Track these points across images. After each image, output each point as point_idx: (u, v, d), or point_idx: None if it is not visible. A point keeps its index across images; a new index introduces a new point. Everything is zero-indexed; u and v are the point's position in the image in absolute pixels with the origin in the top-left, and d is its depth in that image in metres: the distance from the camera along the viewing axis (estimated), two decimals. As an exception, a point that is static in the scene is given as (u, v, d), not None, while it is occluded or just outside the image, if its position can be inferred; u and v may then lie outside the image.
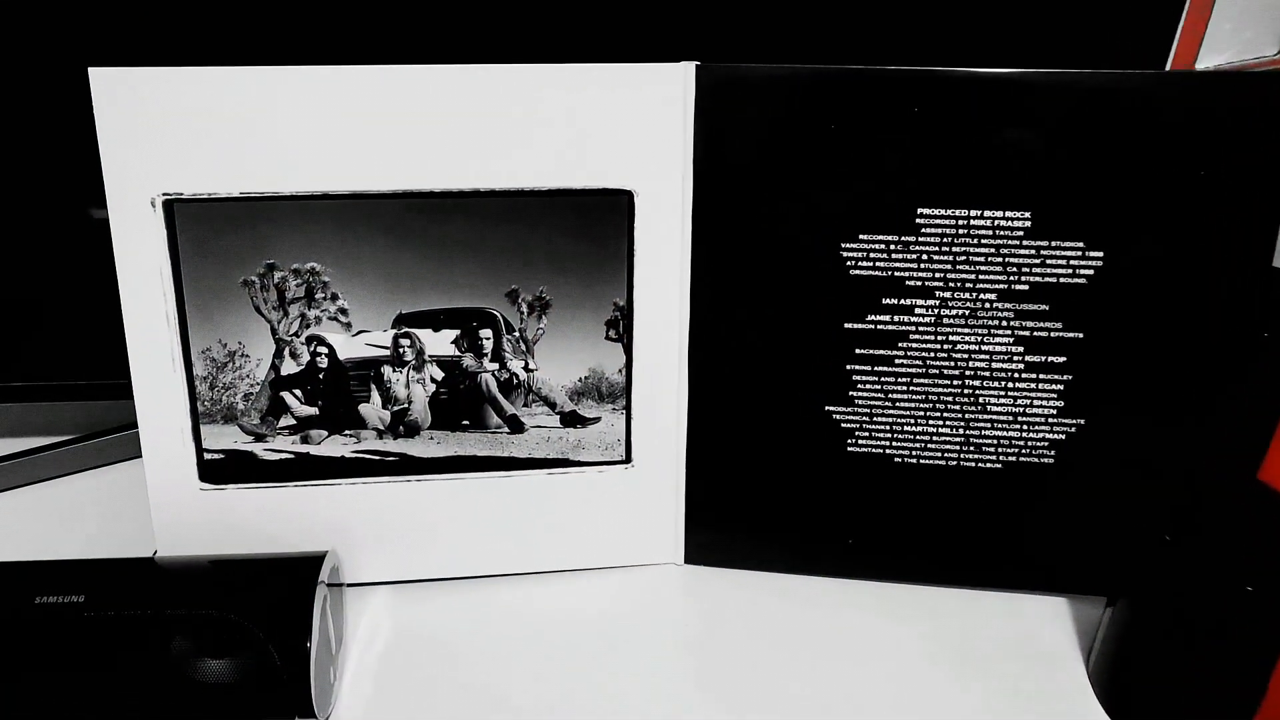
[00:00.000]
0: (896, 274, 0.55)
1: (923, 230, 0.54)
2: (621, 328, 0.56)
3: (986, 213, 0.55)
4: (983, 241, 0.54)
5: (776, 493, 0.59)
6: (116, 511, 0.66)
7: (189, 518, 0.55)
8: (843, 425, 0.58)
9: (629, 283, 0.55)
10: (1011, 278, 0.56)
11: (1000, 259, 0.55)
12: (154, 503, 0.55)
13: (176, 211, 0.50)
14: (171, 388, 0.53)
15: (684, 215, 0.54)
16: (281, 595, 0.48)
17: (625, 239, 0.54)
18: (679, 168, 0.53)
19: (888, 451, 0.58)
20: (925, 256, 0.54)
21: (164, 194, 0.50)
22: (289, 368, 0.54)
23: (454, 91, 0.49)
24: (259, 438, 0.55)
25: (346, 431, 0.56)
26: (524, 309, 0.55)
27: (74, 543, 0.63)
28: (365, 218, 0.51)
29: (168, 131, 0.48)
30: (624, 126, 0.51)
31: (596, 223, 0.53)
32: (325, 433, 0.56)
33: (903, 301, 0.55)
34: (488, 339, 0.55)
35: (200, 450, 0.55)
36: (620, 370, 0.57)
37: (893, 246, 0.54)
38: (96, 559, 0.52)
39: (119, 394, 0.53)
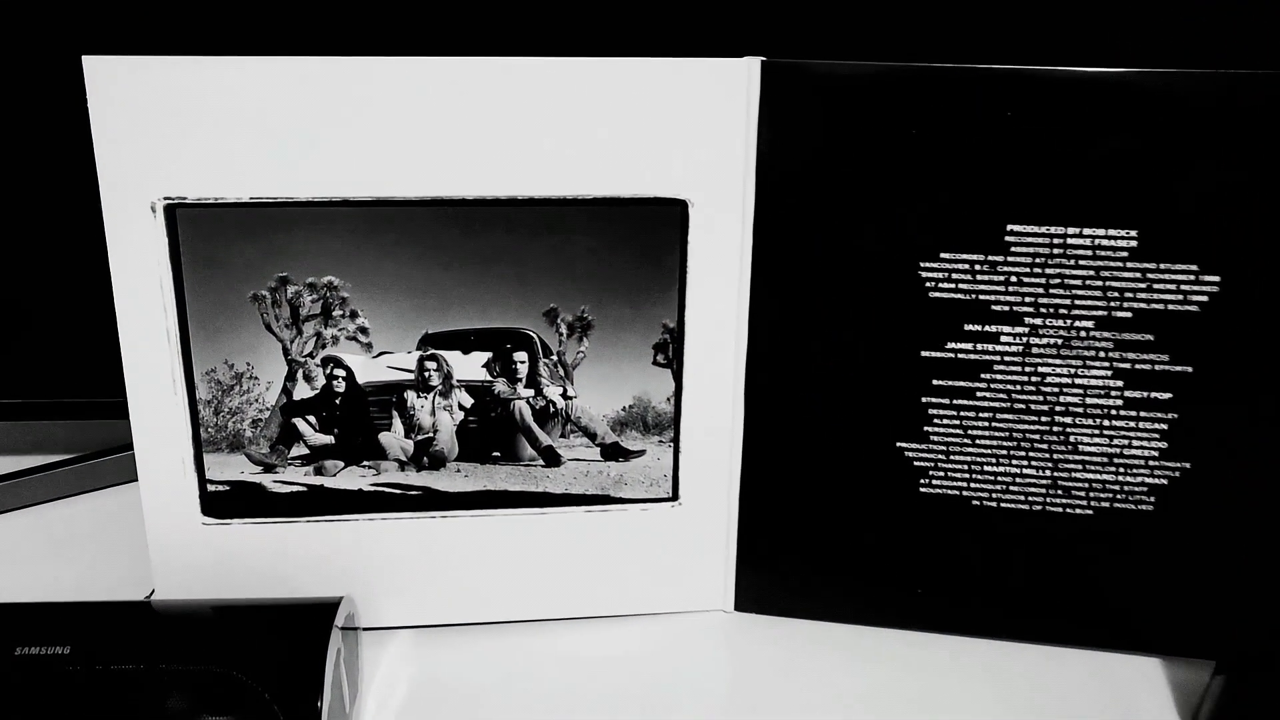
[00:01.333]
0: (981, 297, 0.51)
1: (1012, 249, 0.50)
2: (671, 352, 0.52)
3: (1086, 231, 0.50)
4: (1080, 263, 0.50)
5: (838, 536, 0.55)
6: (112, 541, 0.64)
7: (190, 555, 0.52)
8: (916, 464, 0.54)
9: (680, 303, 0.51)
10: (1112, 304, 0.51)
11: (1100, 283, 0.51)
12: (151, 538, 0.52)
13: (179, 217, 0.47)
14: (172, 412, 0.50)
15: (744, 228, 0.50)
16: (290, 648, 0.45)
17: (678, 254, 0.51)
18: (739, 176, 0.49)
19: (965, 493, 0.54)
20: (1014, 279, 0.50)
21: (165, 198, 0.47)
22: (302, 392, 0.51)
23: (491, 87, 0.46)
24: (268, 468, 0.52)
25: (365, 462, 0.53)
26: (563, 330, 0.51)
27: (63, 577, 0.60)
28: (389, 227, 0.48)
29: (170, 128, 0.45)
30: (679, 129, 0.48)
31: (646, 236, 0.50)
32: (341, 463, 0.53)
33: (987, 328, 0.51)
34: (522, 362, 0.52)
35: (203, 481, 0.52)
36: (668, 399, 0.53)
37: (978, 267, 0.50)
38: (85, 602, 0.49)
39: (117, 413, 0.50)
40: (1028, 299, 0.51)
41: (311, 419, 0.52)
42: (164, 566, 0.52)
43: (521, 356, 0.52)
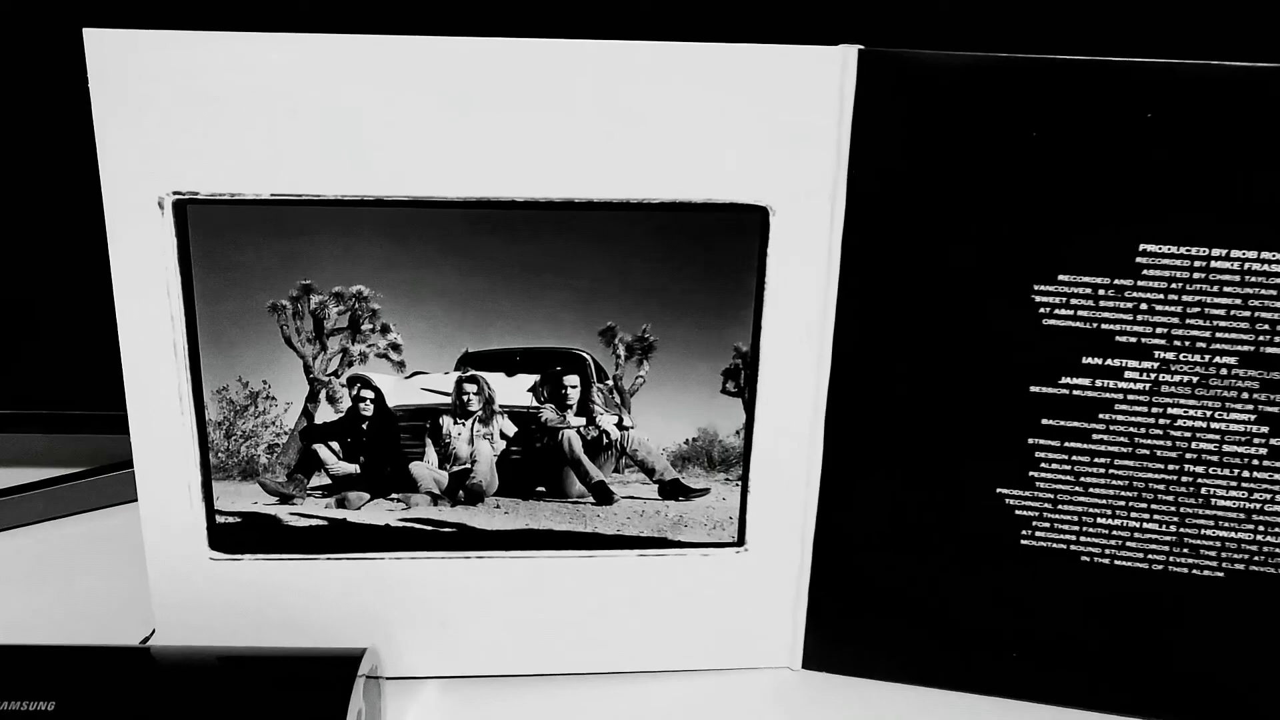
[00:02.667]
0: (1104, 327, 0.45)
1: (1144, 272, 0.44)
2: (742, 379, 0.48)
3: (1234, 253, 0.44)
4: (1225, 290, 0.44)
5: (923, 590, 0.51)
6: (113, 566, 0.61)
7: (196, 594, 0.49)
8: (1018, 512, 0.49)
9: (756, 324, 0.47)
10: (1261, 337, 0.45)
11: (1248, 313, 0.45)
12: (153, 574, 0.49)
13: (190, 215, 0.44)
14: (178, 435, 0.47)
15: (831, 240, 0.46)
16: (307, 706, 0.42)
17: (755, 268, 0.47)
18: (828, 180, 0.45)
19: (1074, 548, 0.49)
20: (1145, 306, 0.45)
21: (174, 193, 0.44)
22: (325, 415, 0.48)
23: (547, 73, 0.42)
24: (285, 499, 0.49)
25: (393, 495, 0.50)
26: (621, 352, 0.48)
27: (56, 606, 0.57)
28: (427, 232, 0.45)
29: (182, 113, 0.42)
30: (760, 125, 0.43)
31: (719, 246, 0.46)
32: (367, 496, 0.50)
33: (1110, 362, 0.46)
34: (574, 387, 0.49)
35: (212, 512, 0.49)
36: (738, 432, 0.49)
37: (1102, 291, 0.45)
38: (74, 647, 0.46)
39: (121, 427, 0.47)
40: (1159, 330, 0.45)
41: (335, 445, 0.49)
42: (166, 605, 0.49)
43: (573, 380, 0.49)
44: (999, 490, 0.49)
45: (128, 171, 0.43)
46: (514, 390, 0.49)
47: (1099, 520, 0.49)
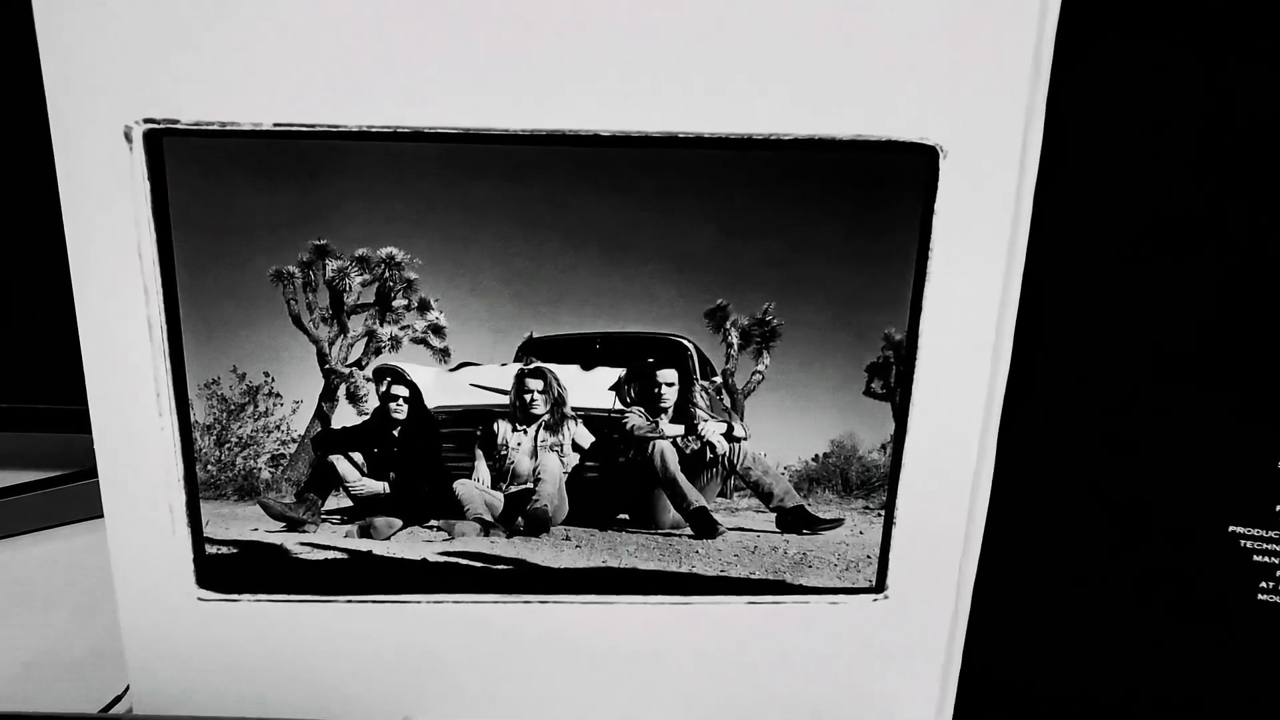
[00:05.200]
0: None
1: None
2: (893, 377, 0.43)
3: None
4: None
5: (1123, 652, 0.45)
6: (87, 592, 0.57)
7: (179, 643, 0.45)
8: (1256, 558, 0.43)
9: (915, 304, 0.41)
10: None
11: None
12: (126, 619, 0.45)
13: (168, 150, 0.38)
14: (156, 442, 0.42)
15: (1020, 195, 0.40)
16: None
17: (915, 228, 0.40)
18: (1020, 115, 0.38)
19: None
20: None
21: (146, 120, 0.38)
22: (345, 417, 0.44)
23: None
24: (293, 525, 0.45)
25: (433, 523, 0.46)
26: (733, 339, 0.43)
27: (17, 646, 0.53)
28: (482, 175, 0.40)
29: (157, 13, 0.37)
30: (927, 40, 0.37)
31: (869, 200, 0.40)
32: (398, 523, 0.46)
33: None
34: (670, 385, 0.45)
35: (199, 540, 0.44)
36: (884, 446, 0.44)
37: None
38: (28, 717, 0.44)
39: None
40: None
41: (357, 457, 0.46)
42: (143, 658, 0.46)
43: (669, 376, 0.45)
44: (1232, 529, 0.43)
45: (83, 93, 0.37)
46: (591, 388, 0.46)
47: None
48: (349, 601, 0.45)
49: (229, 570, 0.45)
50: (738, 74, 0.38)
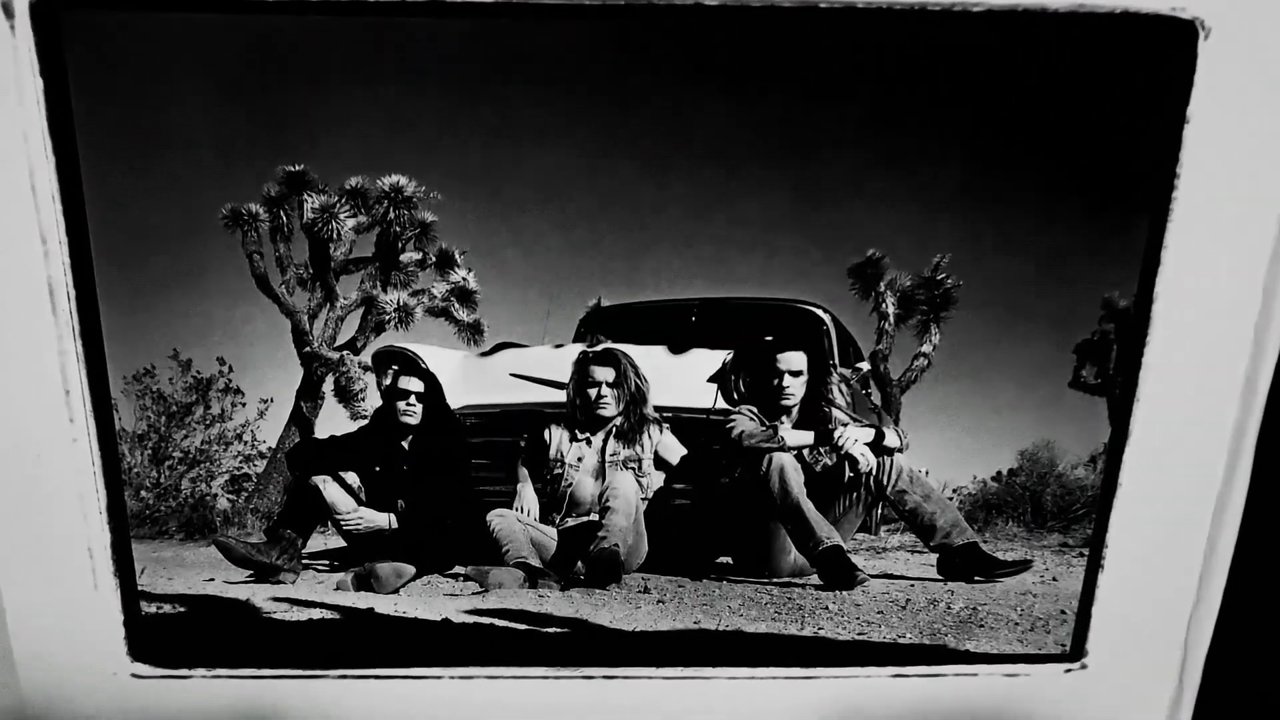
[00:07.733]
0: None
1: None
2: (1113, 361, 0.36)
3: None
4: None
5: None
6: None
7: None
8: None
9: (1150, 259, 0.29)
10: None
11: None
12: (31, 700, 0.33)
13: (66, 30, 0.27)
14: (65, 460, 0.31)
15: None
16: None
17: (1157, 147, 0.28)
18: None
19: None
20: None
21: None
22: (333, 421, 0.39)
23: None
24: (264, 572, 0.37)
25: (458, 570, 0.39)
26: (888, 307, 0.39)
27: None
28: (532, 68, 0.29)
29: None
30: None
31: (1094, 103, 0.30)
32: (410, 570, 0.38)
33: None
34: (796, 375, 0.38)
35: (132, 596, 0.33)
36: (1094, 458, 0.37)
37: None
38: None
39: None
40: None
41: (352, 478, 0.39)
42: None
43: (795, 361, 0.38)
44: None
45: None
46: (684, 379, 0.39)
47: None
48: (342, 677, 0.34)
49: (173, 636, 0.35)
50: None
